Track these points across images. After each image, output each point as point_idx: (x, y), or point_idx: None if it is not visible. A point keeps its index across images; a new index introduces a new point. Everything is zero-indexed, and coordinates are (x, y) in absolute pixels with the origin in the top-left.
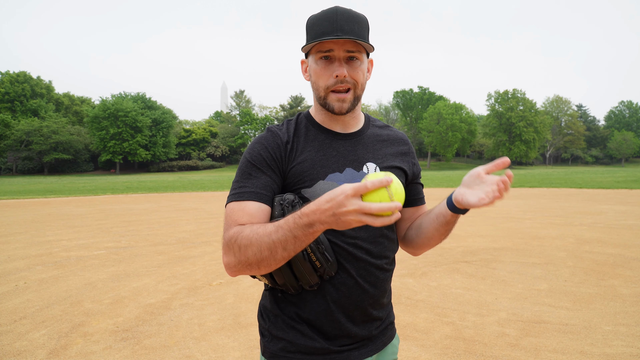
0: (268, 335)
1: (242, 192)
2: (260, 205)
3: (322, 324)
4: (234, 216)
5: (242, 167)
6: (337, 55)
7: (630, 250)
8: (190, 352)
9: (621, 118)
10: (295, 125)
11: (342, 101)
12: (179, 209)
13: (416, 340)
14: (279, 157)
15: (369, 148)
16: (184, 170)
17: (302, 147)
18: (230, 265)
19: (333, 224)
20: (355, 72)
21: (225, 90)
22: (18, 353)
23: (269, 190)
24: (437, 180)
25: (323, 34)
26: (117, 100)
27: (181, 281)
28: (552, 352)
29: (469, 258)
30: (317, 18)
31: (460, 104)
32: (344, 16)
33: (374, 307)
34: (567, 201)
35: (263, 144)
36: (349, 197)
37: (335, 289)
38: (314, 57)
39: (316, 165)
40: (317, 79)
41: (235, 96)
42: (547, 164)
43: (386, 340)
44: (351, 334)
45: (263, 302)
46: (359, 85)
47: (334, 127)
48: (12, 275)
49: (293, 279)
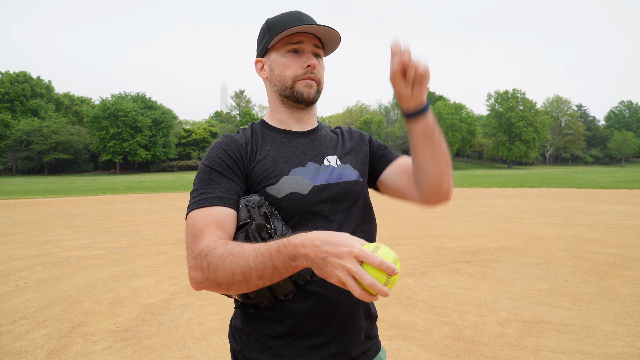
0: (241, 357)
1: (204, 199)
2: (226, 210)
3: (300, 337)
4: (198, 225)
5: (201, 174)
6: (306, 48)
7: (630, 250)
8: (190, 352)
9: (621, 118)
10: (252, 130)
11: (310, 86)
12: (179, 209)
13: (416, 340)
14: (239, 157)
15: (326, 143)
16: (184, 170)
17: (260, 146)
18: (195, 281)
19: (316, 266)
20: (320, 69)
21: (225, 90)
22: (18, 353)
23: (233, 194)
24: None
25: (291, 24)
26: (117, 100)
27: (181, 281)
28: (552, 352)
29: (469, 258)
30: (281, 17)
31: (460, 104)
32: (308, 16)
33: (356, 313)
34: (567, 201)
35: (221, 148)
36: (351, 255)
37: (309, 297)
38: (280, 52)
39: (277, 161)
40: (284, 70)
41: (235, 96)
42: (547, 164)
43: (370, 354)
44: (332, 345)
45: (234, 322)
46: (322, 80)
47: (291, 126)
48: (12, 275)
49: (266, 290)
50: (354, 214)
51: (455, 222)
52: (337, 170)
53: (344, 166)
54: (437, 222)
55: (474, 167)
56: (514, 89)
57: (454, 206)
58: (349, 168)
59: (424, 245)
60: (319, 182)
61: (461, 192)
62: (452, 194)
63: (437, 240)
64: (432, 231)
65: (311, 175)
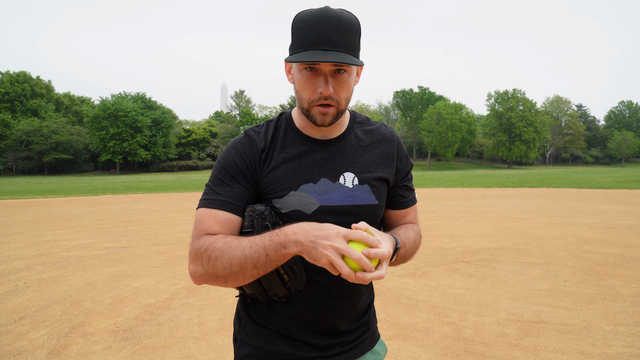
0: (239, 340)
1: (214, 200)
2: (232, 216)
3: (289, 332)
4: (204, 224)
5: (216, 173)
6: (324, 69)
7: (630, 250)
8: (190, 352)
9: (621, 118)
10: (275, 129)
11: (325, 115)
12: (179, 209)
13: (416, 340)
14: (253, 165)
15: (348, 156)
16: (184, 170)
17: (277, 154)
18: (196, 274)
19: (307, 250)
20: (340, 87)
21: (225, 90)
22: (18, 353)
23: (241, 200)
24: (437, 180)
25: (309, 45)
26: (117, 100)
27: (181, 281)
28: (552, 352)
29: (469, 258)
30: (304, 22)
31: (460, 104)
32: (333, 24)
33: (344, 320)
34: (567, 201)
35: (239, 151)
36: (339, 235)
37: (304, 301)
38: (298, 67)
39: (289, 174)
40: (301, 90)
41: (235, 96)
42: (547, 164)
43: (364, 347)
44: (318, 344)
45: (237, 306)
46: (342, 102)
47: (313, 134)
48: (12, 275)
49: (261, 290)
50: None
51: (455, 222)
52: (351, 191)
53: (360, 187)
54: (437, 222)
55: (474, 167)
56: (514, 89)
57: (454, 206)
58: (366, 190)
59: (424, 245)
60: (326, 202)
61: (461, 192)
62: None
63: (437, 240)
64: (432, 231)
65: (320, 195)
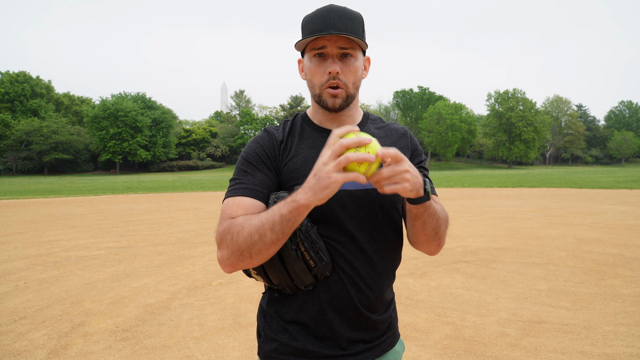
0: (263, 335)
1: (238, 188)
2: (255, 202)
3: (316, 326)
4: (228, 211)
5: (239, 165)
6: (330, 52)
7: (630, 250)
8: (190, 352)
9: (621, 118)
10: (291, 125)
11: (335, 97)
12: (179, 209)
13: (416, 340)
14: (273, 154)
15: None
16: (184, 170)
17: (296, 144)
18: (223, 258)
19: (312, 189)
20: (347, 70)
21: (225, 90)
22: (18, 353)
23: (264, 187)
24: (437, 180)
25: (316, 31)
26: (117, 100)
27: (181, 281)
28: (552, 352)
29: (469, 258)
30: (311, 17)
31: (460, 104)
32: (337, 14)
33: (370, 310)
34: (567, 201)
35: (259, 143)
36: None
37: (329, 290)
38: (308, 56)
39: (309, 162)
40: (312, 77)
41: (235, 96)
42: (547, 164)
43: (386, 346)
44: (345, 337)
45: (261, 302)
46: (350, 85)
47: (329, 126)
48: (12, 275)
49: (288, 279)
50: (379, 221)
51: (455, 222)
52: None
53: None
54: None
55: (474, 167)
56: (514, 89)
57: (454, 206)
58: None
59: None
60: (344, 187)
61: (461, 192)
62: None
63: None
64: None
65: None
